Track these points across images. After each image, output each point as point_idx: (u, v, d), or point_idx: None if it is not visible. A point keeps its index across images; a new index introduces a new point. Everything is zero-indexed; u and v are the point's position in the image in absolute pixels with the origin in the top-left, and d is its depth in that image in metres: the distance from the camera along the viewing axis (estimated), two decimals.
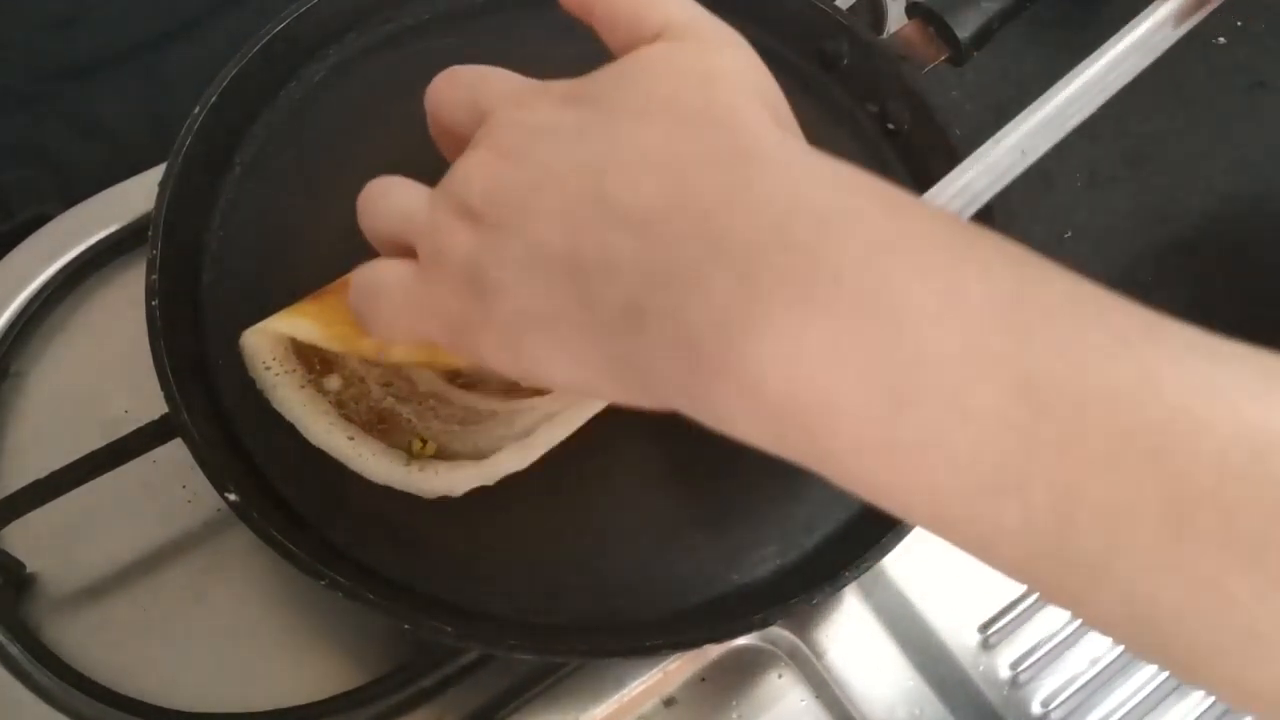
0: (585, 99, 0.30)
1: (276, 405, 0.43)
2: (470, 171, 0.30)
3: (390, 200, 0.33)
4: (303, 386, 0.43)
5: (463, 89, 0.33)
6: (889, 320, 0.23)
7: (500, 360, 0.30)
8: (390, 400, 0.44)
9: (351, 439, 0.42)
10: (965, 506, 0.23)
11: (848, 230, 0.24)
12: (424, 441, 0.43)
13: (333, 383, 0.44)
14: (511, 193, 0.29)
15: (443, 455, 0.43)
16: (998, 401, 0.22)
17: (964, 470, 0.22)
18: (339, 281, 0.42)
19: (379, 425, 0.43)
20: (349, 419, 0.43)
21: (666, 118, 0.28)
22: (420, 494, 0.42)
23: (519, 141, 0.29)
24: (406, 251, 0.32)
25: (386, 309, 0.32)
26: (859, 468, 0.24)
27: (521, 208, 0.28)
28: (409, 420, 0.44)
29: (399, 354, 0.40)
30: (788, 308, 0.23)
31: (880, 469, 0.24)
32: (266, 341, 0.43)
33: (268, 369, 0.43)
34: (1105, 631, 0.24)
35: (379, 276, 0.32)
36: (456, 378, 0.45)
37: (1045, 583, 0.23)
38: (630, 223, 0.26)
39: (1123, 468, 0.22)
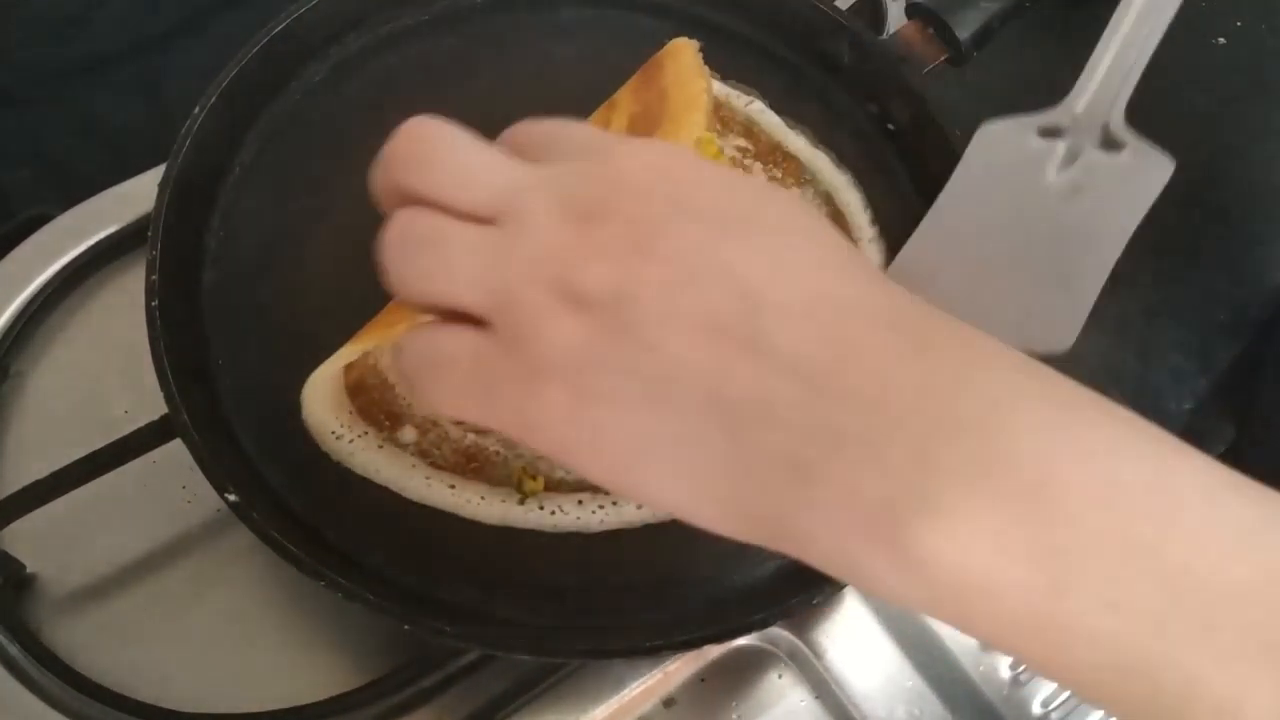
0: (697, 183, 0.27)
1: (361, 471, 0.42)
2: (575, 246, 0.26)
3: (446, 255, 0.27)
4: (380, 446, 0.42)
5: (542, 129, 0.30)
6: (1056, 509, 0.24)
7: (596, 474, 0.27)
8: (471, 436, 0.43)
9: (453, 487, 0.42)
10: (1094, 677, 0.25)
11: (1015, 411, 0.25)
12: (533, 477, 0.43)
13: (408, 434, 0.43)
14: (642, 289, 0.25)
15: (552, 486, 0.43)
16: (1142, 593, 0.24)
17: (1101, 650, 0.24)
18: (369, 325, 0.42)
19: (470, 465, 0.43)
20: (438, 466, 0.42)
21: (810, 242, 0.27)
22: (545, 530, 0.42)
23: (643, 221, 0.26)
24: (457, 315, 0.28)
25: (448, 388, 0.28)
26: (1003, 639, 0.25)
27: (657, 313, 0.25)
28: (497, 452, 0.43)
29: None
30: (964, 493, 0.24)
31: (1025, 644, 0.25)
32: (328, 408, 0.42)
33: (339, 438, 0.42)
34: None
35: (439, 347, 0.28)
36: None
37: None
38: (792, 370, 0.25)
39: (1244, 661, 0.24)
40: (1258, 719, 0.24)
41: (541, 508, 0.42)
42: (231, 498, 0.39)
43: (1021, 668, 0.49)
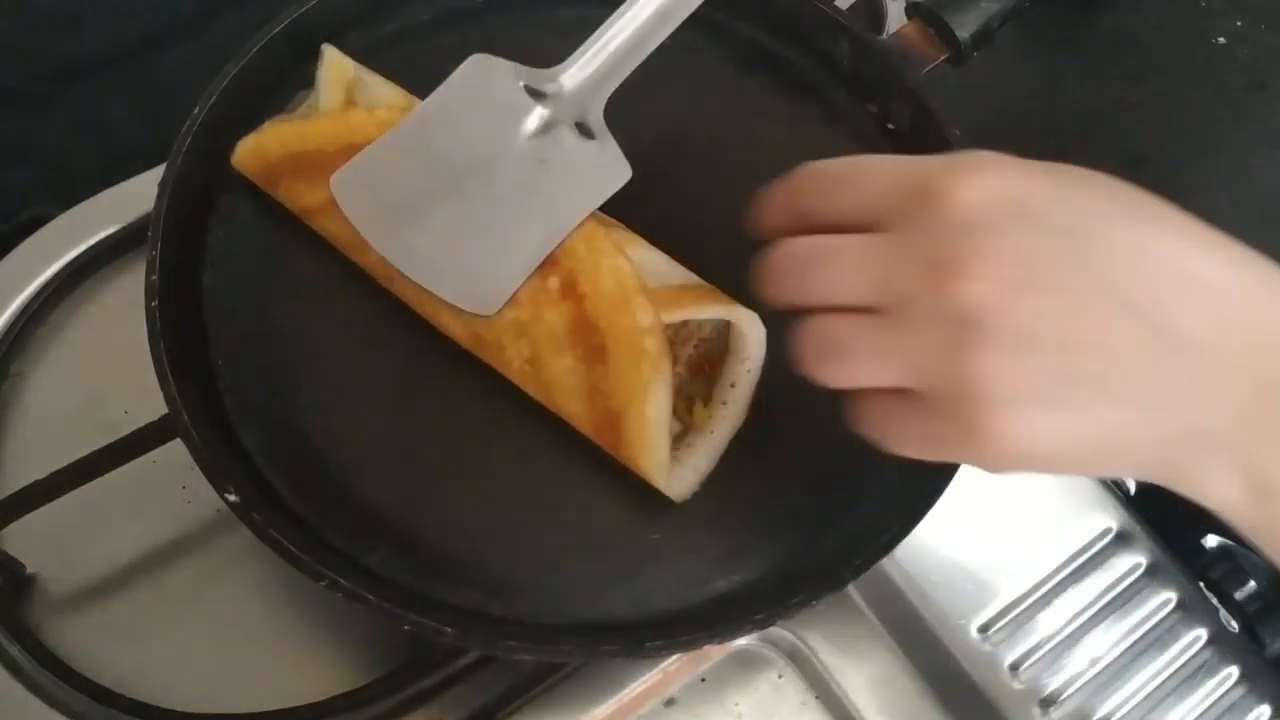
0: (1039, 197, 0.32)
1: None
2: (971, 311, 0.30)
3: (854, 353, 0.33)
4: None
5: (860, 184, 0.34)
6: None
7: (1052, 471, 0.33)
8: None
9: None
10: None
11: None
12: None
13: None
14: (1046, 324, 0.30)
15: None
16: None
17: None
18: None
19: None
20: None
21: (1159, 227, 0.32)
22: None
23: (1015, 259, 0.30)
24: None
25: (903, 445, 0.34)
26: None
27: (1062, 341, 0.30)
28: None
29: None
30: None
31: None
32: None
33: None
34: None
35: (880, 409, 0.34)
36: None
37: None
38: (1186, 353, 0.30)
39: None
40: None
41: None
42: (231, 498, 0.39)
43: (1022, 667, 0.49)
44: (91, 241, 0.53)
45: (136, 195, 0.54)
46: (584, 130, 0.44)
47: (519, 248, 0.42)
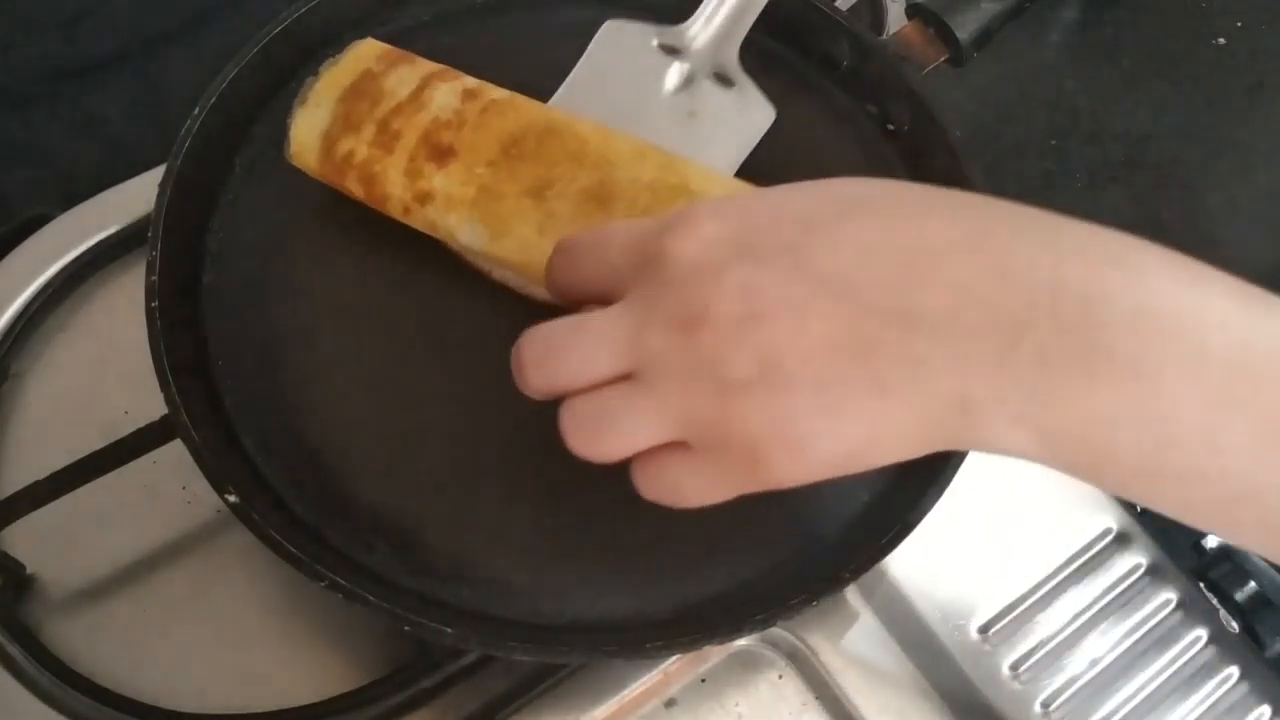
0: (750, 228, 0.33)
1: None
2: (709, 358, 0.32)
3: (615, 423, 0.34)
4: None
5: (597, 257, 0.35)
6: (1153, 382, 0.29)
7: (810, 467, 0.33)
8: None
9: None
10: (1212, 509, 0.31)
11: (1105, 306, 0.30)
12: None
13: None
14: (780, 347, 0.31)
15: None
16: (1242, 437, 0.29)
17: (1213, 486, 0.30)
18: None
19: None
20: None
21: (870, 212, 0.32)
22: None
23: (736, 295, 0.31)
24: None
25: (693, 495, 0.35)
26: (1126, 486, 0.31)
27: (801, 355, 0.31)
28: None
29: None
30: (1077, 385, 0.30)
31: (1145, 489, 0.31)
32: None
33: None
34: None
35: (667, 471, 0.35)
36: None
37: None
38: (926, 326, 0.30)
39: None
40: None
41: None
42: (231, 498, 0.40)
43: (1022, 667, 0.49)
44: (91, 241, 0.53)
45: (136, 195, 0.54)
46: (723, 79, 0.45)
47: None
